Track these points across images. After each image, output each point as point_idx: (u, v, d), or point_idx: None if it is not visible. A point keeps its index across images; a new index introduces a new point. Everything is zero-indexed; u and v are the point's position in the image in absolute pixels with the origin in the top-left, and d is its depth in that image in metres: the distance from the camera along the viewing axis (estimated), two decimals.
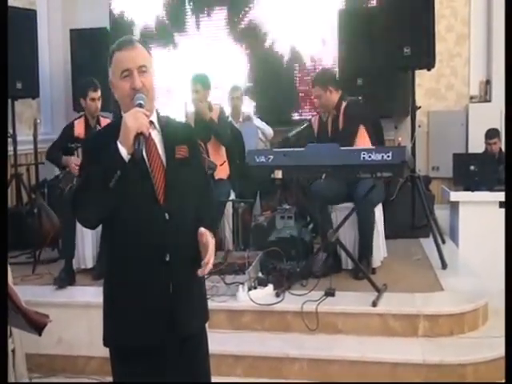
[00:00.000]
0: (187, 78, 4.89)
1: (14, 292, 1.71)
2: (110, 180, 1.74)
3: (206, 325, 2.08)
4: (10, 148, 5.20)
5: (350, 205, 4.08)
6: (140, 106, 1.83)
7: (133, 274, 1.88)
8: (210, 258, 1.86)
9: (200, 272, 1.86)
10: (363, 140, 4.13)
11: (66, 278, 4.07)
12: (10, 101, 5.28)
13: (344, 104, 4.23)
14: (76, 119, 4.56)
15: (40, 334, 1.74)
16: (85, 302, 3.74)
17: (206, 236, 1.88)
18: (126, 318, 1.89)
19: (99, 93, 4.38)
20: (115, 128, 1.86)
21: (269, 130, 5.74)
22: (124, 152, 1.77)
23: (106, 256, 2.00)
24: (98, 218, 1.86)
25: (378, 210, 4.33)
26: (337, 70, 5.71)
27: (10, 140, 5.16)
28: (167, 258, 1.87)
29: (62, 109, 6.44)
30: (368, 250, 4.11)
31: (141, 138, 1.79)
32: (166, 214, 1.87)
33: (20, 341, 2.97)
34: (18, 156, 5.29)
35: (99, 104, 4.41)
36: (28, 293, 3.75)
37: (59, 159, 4.40)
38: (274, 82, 6.30)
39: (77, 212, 1.86)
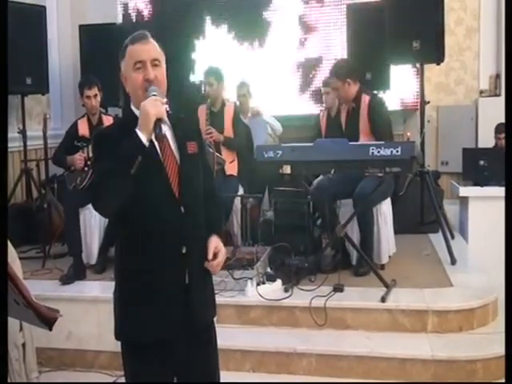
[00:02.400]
0: None
1: (24, 287, 1.72)
2: (132, 166, 1.78)
3: (215, 319, 2.10)
4: (20, 143, 5.23)
5: None
6: (154, 96, 1.86)
7: (149, 266, 1.90)
8: (219, 263, 1.99)
9: (209, 267, 1.97)
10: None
11: (73, 275, 4.10)
12: (20, 97, 5.32)
13: (367, 97, 4.13)
14: (78, 119, 4.61)
15: (50, 329, 1.75)
16: (94, 297, 3.77)
17: (218, 244, 2.01)
18: (141, 311, 1.90)
19: (95, 90, 4.40)
20: (126, 123, 1.91)
21: (278, 126, 5.72)
22: (144, 138, 1.80)
23: (119, 249, 2.00)
24: (117, 205, 1.86)
25: (387, 206, 4.31)
26: None
27: (19, 135, 5.19)
28: (184, 250, 1.91)
29: (72, 104, 6.44)
30: (367, 247, 4.06)
31: (160, 123, 1.83)
32: (182, 208, 1.91)
33: (30, 335, 2.98)
34: (27, 151, 5.31)
35: (95, 101, 4.43)
36: (38, 287, 3.80)
37: (64, 160, 4.43)
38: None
39: (97, 201, 1.86)
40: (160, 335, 1.89)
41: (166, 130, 1.95)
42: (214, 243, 1.99)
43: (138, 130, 1.80)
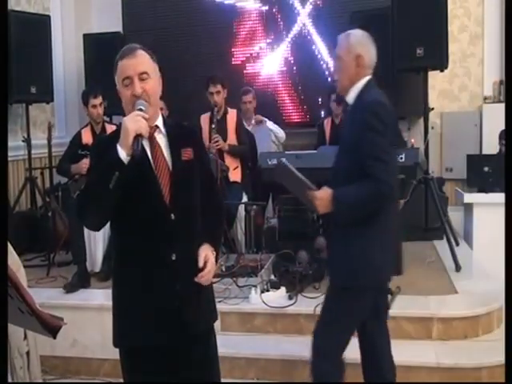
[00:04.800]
0: None
1: (29, 295, 1.72)
2: (110, 181, 1.78)
3: (218, 326, 2.10)
4: (25, 152, 5.26)
5: None
6: (140, 110, 1.87)
7: (140, 273, 1.91)
8: (208, 273, 1.93)
9: (198, 280, 1.92)
10: None
11: (78, 283, 4.10)
12: (24, 105, 5.36)
13: None
14: (82, 128, 4.66)
15: (55, 337, 1.75)
16: (98, 305, 3.77)
17: (208, 253, 1.95)
18: (134, 319, 1.92)
19: (100, 99, 4.45)
20: (118, 134, 1.92)
21: (281, 133, 5.72)
22: (123, 154, 1.80)
23: (114, 256, 2.03)
24: (100, 219, 1.90)
25: None
26: None
27: (24, 144, 5.23)
28: (173, 258, 1.91)
29: (76, 113, 6.47)
30: None
31: (140, 139, 1.83)
32: (172, 215, 1.91)
33: (35, 343, 2.98)
34: (32, 160, 5.34)
35: (101, 110, 4.48)
36: (42, 295, 3.81)
37: (68, 170, 4.48)
38: None
39: (81, 214, 1.90)
40: (153, 342, 1.90)
41: (160, 137, 1.97)
42: (204, 252, 1.96)
43: (118, 146, 1.81)
